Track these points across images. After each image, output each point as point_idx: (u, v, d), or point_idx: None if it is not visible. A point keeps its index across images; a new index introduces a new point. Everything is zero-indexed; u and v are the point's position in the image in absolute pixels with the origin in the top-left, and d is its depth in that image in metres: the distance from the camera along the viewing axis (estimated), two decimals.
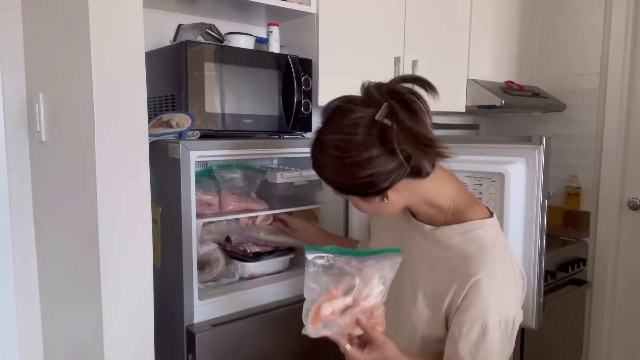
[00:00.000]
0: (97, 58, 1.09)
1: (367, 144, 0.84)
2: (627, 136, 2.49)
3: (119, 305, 1.18)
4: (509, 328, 0.91)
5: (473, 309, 0.90)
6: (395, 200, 0.93)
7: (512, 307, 0.92)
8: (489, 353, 0.90)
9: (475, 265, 0.90)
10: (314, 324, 0.87)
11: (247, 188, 1.67)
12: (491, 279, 0.89)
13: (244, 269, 1.57)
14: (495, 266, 0.91)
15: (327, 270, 0.88)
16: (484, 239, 0.93)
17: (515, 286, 0.93)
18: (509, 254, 0.95)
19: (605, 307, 2.57)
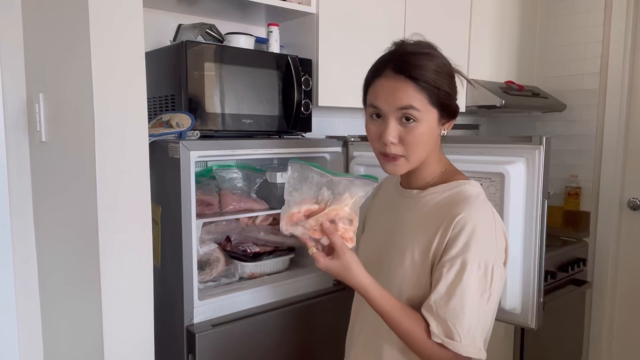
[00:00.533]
0: (97, 58, 1.09)
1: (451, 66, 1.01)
2: (627, 136, 2.49)
3: (119, 305, 1.18)
4: (488, 275, 0.91)
5: (455, 248, 0.92)
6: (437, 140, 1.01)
7: (491, 254, 0.93)
8: (463, 293, 0.90)
9: (459, 207, 0.94)
10: (285, 224, 0.97)
11: (247, 188, 1.67)
12: (473, 221, 0.92)
13: (244, 269, 1.57)
14: (477, 211, 0.94)
15: (305, 180, 0.98)
16: (469, 192, 0.98)
17: (496, 235, 0.94)
18: (491, 208, 0.98)
19: (605, 307, 2.57)
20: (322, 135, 1.82)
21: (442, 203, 0.98)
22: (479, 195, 0.98)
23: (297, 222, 0.96)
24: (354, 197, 0.97)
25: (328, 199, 0.97)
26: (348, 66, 1.86)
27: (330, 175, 0.99)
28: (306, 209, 0.96)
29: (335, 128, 2.26)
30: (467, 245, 0.91)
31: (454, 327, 0.89)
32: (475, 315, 0.90)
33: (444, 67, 0.98)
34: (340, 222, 0.96)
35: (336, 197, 0.97)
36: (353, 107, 1.97)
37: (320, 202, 0.97)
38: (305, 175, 0.99)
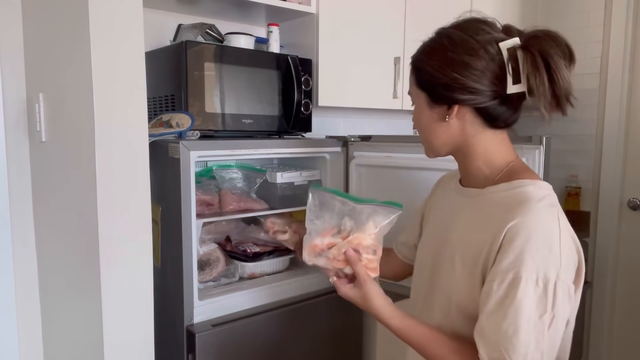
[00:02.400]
0: (97, 58, 1.09)
1: (476, 54, 0.85)
2: (627, 136, 2.49)
3: (119, 305, 1.18)
4: (549, 293, 0.78)
5: (507, 259, 0.79)
6: (453, 128, 0.91)
7: (553, 267, 0.78)
8: (517, 312, 0.77)
9: (513, 212, 0.82)
10: (308, 255, 0.95)
11: (247, 188, 1.67)
12: (528, 228, 0.79)
13: (244, 269, 1.57)
14: (537, 217, 0.81)
15: (326, 207, 0.96)
16: (531, 193, 0.84)
17: (561, 246, 0.80)
18: (557, 215, 0.82)
19: (605, 307, 2.57)
20: (322, 135, 1.82)
21: (499, 204, 0.86)
22: (544, 199, 0.84)
23: (320, 252, 0.94)
24: (378, 227, 0.94)
25: (351, 228, 0.94)
26: (348, 66, 1.86)
27: (353, 203, 0.96)
28: (329, 242, 0.94)
29: (335, 128, 2.26)
30: (520, 256, 0.78)
31: (507, 352, 0.78)
32: (533, 340, 0.78)
33: (438, 48, 0.90)
34: (364, 251, 0.93)
35: (359, 226, 0.94)
36: (353, 107, 1.97)
37: (342, 230, 0.95)
38: (326, 202, 0.96)
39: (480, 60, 0.85)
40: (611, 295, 2.57)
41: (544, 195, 0.84)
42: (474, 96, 0.86)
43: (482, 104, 0.87)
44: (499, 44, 0.85)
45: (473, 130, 0.90)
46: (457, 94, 0.87)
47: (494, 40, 0.86)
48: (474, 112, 0.89)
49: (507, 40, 0.85)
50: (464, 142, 0.92)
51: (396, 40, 2.01)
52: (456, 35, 0.89)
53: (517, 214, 0.81)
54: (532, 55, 0.82)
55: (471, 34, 0.88)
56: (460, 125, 0.90)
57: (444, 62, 0.88)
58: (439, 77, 0.88)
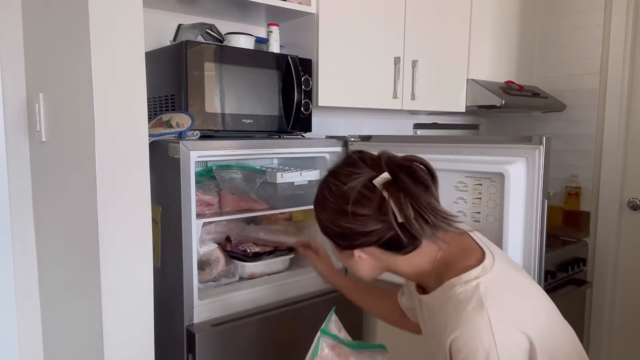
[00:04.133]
0: (97, 58, 1.09)
1: (354, 199, 0.85)
2: (627, 136, 2.48)
3: (119, 305, 1.18)
4: None
5: None
6: (368, 263, 0.92)
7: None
8: None
9: (451, 324, 0.82)
10: None
11: (247, 188, 1.67)
12: (463, 341, 0.80)
13: (244, 269, 1.57)
14: (468, 328, 0.80)
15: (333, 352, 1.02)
16: (458, 297, 0.84)
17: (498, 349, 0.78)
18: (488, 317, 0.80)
19: (605, 307, 2.57)
20: (322, 135, 1.82)
21: (440, 314, 0.87)
22: (471, 299, 0.82)
23: None
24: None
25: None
26: (348, 66, 1.86)
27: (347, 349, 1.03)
28: None
29: (335, 128, 2.26)
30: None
31: None
32: None
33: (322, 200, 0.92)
34: None
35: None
36: (353, 107, 1.97)
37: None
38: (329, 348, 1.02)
39: (360, 205, 0.85)
40: (611, 295, 2.56)
41: (471, 293, 0.82)
42: (368, 237, 0.87)
43: (380, 240, 0.87)
44: (374, 182, 0.85)
45: (387, 257, 0.90)
46: (351, 240, 0.88)
47: (367, 180, 0.86)
48: (378, 247, 0.88)
49: (378, 178, 0.85)
50: (386, 268, 0.93)
51: (396, 40, 2.01)
52: (332, 185, 0.90)
53: (451, 330, 0.81)
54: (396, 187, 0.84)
55: (343, 181, 0.88)
56: (373, 258, 0.91)
57: (330, 213, 0.89)
58: (331, 228, 0.90)
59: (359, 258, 0.91)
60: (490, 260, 0.88)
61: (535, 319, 0.85)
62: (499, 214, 1.33)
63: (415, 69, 2.04)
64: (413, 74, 2.05)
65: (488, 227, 1.36)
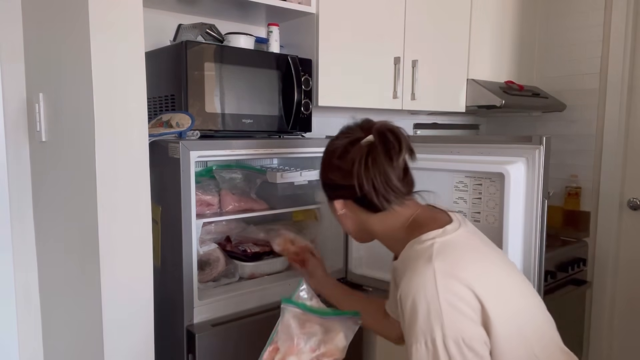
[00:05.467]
0: (97, 58, 1.09)
1: (340, 155, 0.98)
2: (627, 136, 2.48)
3: (118, 305, 1.18)
4: (440, 351, 0.78)
5: (404, 329, 0.83)
6: (348, 218, 1.02)
7: (437, 324, 0.78)
8: None
9: (401, 278, 0.87)
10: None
11: (247, 188, 1.67)
12: (407, 292, 0.82)
13: (244, 269, 1.57)
14: (413, 279, 0.82)
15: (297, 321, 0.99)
16: (412, 254, 0.88)
17: (440, 302, 0.78)
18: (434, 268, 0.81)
19: (605, 307, 2.57)
20: (322, 135, 1.82)
21: (399, 273, 0.91)
22: (422, 255, 0.84)
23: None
24: (348, 340, 0.98)
25: (322, 340, 0.97)
26: (348, 66, 1.86)
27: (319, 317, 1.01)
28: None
29: (335, 128, 2.24)
30: (408, 325, 0.81)
31: None
32: None
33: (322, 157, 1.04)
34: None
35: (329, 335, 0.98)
36: (353, 107, 1.97)
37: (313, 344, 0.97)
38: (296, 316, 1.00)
39: (343, 160, 0.96)
40: (611, 295, 2.56)
41: (424, 250, 0.86)
42: (345, 191, 0.97)
43: (353, 197, 0.97)
44: (357, 143, 0.96)
45: (364, 216, 0.99)
46: (333, 190, 1.02)
47: (352, 140, 0.97)
48: (354, 202, 0.99)
49: (364, 140, 0.95)
50: (364, 226, 1.02)
51: (396, 40, 2.01)
52: (329, 144, 1.03)
53: (400, 282, 0.87)
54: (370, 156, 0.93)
55: (339, 139, 1.00)
56: (351, 214, 1.01)
57: (322, 166, 1.04)
58: (321, 179, 1.05)
59: (342, 212, 1.01)
60: (454, 226, 0.92)
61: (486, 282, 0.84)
62: (499, 214, 1.33)
63: (415, 69, 2.04)
64: (413, 74, 2.05)
65: (488, 227, 1.36)
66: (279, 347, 0.98)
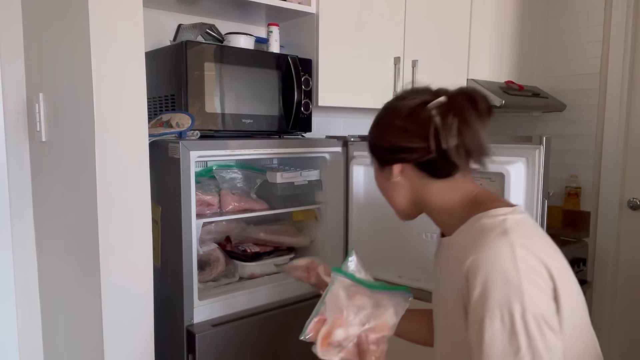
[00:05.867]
0: (97, 58, 1.09)
1: (408, 116, 0.91)
2: (627, 136, 2.48)
3: (119, 305, 1.18)
4: (519, 325, 0.73)
5: (472, 304, 0.78)
6: (401, 187, 0.96)
7: (516, 298, 0.74)
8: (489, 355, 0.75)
9: (467, 252, 0.81)
10: (323, 347, 0.93)
11: (247, 188, 1.67)
12: (481, 263, 0.78)
13: (244, 269, 1.57)
14: (488, 250, 0.78)
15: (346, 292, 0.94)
16: (482, 227, 0.83)
17: (520, 276, 0.75)
18: (511, 242, 0.79)
19: (605, 307, 2.57)
20: (322, 135, 1.82)
21: (460, 248, 0.85)
22: (495, 228, 0.81)
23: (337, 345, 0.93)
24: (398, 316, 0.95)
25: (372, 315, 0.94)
26: (348, 66, 1.86)
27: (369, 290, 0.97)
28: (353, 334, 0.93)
29: (335, 128, 2.26)
30: (480, 297, 0.76)
31: None
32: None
33: (378, 118, 1.00)
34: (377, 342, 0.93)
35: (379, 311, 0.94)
36: (353, 107, 1.97)
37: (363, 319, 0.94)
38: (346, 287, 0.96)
39: (411, 122, 0.91)
40: (611, 295, 2.56)
41: (497, 224, 0.82)
42: (409, 154, 0.92)
43: (418, 159, 0.92)
44: (427, 106, 0.90)
45: (421, 184, 0.94)
46: (394, 154, 0.94)
47: (422, 102, 0.91)
48: (416, 168, 0.93)
49: (434, 101, 0.90)
50: (418, 197, 0.96)
51: (396, 40, 2.01)
52: (390, 105, 0.98)
53: (469, 254, 0.80)
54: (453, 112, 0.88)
55: (401, 101, 0.96)
56: (408, 182, 0.95)
57: (381, 128, 0.98)
58: (378, 142, 0.98)
59: (397, 178, 0.95)
60: (521, 209, 0.90)
61: (558, 265, 0.82)
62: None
63: (415, 69, 2.04)
64: (413, 74, 2.05)
65: None
66: (325, 318, 0.93)
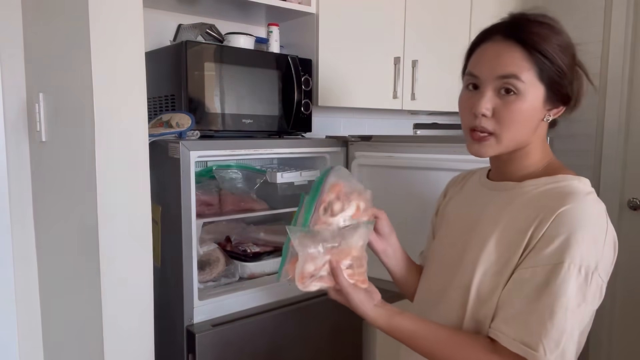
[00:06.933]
0: (97, 58, 1.09)
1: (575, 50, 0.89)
2: (627, 136, 2.48)
3: (119, 305, 1.18)
4: (588, 282, 0.75)
5: (553, 245, 0.76)
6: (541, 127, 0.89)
7: (595, 258, 0.76)
8: (557, 297, 0.74)
9: (564, 200, 0.79)
10: (301, 282, 0.96)
11: (247, 188, 1.67)
12: (580, 214, 0.77)
13: (244, 269, 1.57)
14: (588, 206, 0.79)
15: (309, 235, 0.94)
16: (578, 187, 0.82)
17: (606, 242, 0.78)
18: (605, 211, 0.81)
19: (605, 307, 2.57)
20: (322, 135, 1.82)
21: (544, 195, 0.82)
22: (591, 194, 0.82)
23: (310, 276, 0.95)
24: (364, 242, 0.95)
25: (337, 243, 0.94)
26: (348, 66, 1.86)
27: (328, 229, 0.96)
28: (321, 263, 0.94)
29: (335, 128, 2.26)
30: (567, 242, 0.76)
31: (539, 335, 0.74)
32: (569, 327, 0.75)
33: (565, 43, 0.87)
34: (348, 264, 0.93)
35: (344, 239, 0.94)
36: (353, 107, 1.97)
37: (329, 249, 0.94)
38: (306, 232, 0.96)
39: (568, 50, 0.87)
40: (611, 296, 2.56)
41: (590, 191, 0.83)
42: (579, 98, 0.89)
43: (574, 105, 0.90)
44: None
45: (543, 128, 0.89)
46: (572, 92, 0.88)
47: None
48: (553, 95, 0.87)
49: None
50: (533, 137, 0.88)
51: (396, 40, 2.01)
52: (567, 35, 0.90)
53: (568, 202, 0.78)
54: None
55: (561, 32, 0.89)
56: (545, 125, 0.89)
57: (572, 58, 0.87)
58: (568, 74, 0.86)
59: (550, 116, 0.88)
60: None
61: None
62: None
63: (415, 69, 2.04)
64: (413, 74, 2.05)
65: None
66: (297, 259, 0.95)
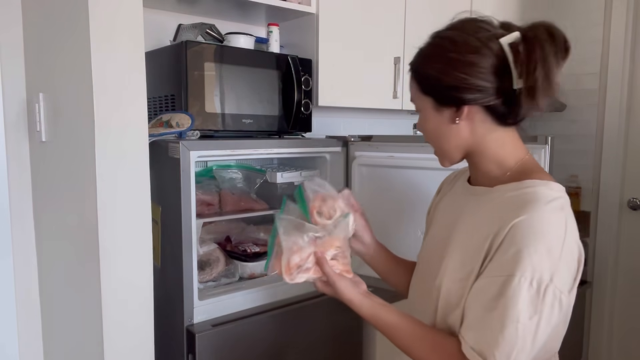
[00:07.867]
0: (97, 58, 1.09)
1: (480, 52, 0.85)
2: (627, 136, 2.49)
3: (119, 305, 1.18)
4: (541, 295, 0.76)
5: (505, 256, 0.78)
6: (462, 131, 0.89)
7: (549, 269, 0.76)
8: (506, 310, 0.76)
9: (521, 210, 0.79)
10: (288, 274, 0.98)
11: (247, 188, 1.67)
12: (534, 224, 0.77)
13: (244, 269, 1.57)
14: (544, 216, 0.78)
15: (295, 227, 0.97)
16: (541, 194, 0.81)
17: (562, 252, 0.78)
18: (566, 218, 0.80)
19: (605, 307, 2.57)
20: (322, 135, 1.82)
21: (507, 202, 0.84)
22: (554, 201, 0.81)
23: (297, 268, 0.98)
24: (347, 233, 0.99)
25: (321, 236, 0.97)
26: (348, 66, 1.86)
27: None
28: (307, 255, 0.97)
29: (335, 128, 2.26)
30: (519, 254, 0.77)
31: (490, 347, 0.77)
32: (520, 340, 0.76)
33: (439, 51, 0.89)
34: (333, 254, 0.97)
35: (328, 230, 0.98)
36: (353, 107, 1.97)
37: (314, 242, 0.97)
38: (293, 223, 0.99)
39: (484, 57, 0.84)
40: (611, 295, 2.57)
41: (554, 197, 0.82)
42: (481, 94, 0.85)
43: (490, 101, 0.85)
44: (499, 40, 0.85)
45: (484, 130, 0.88)
46: (465, 93, 0.86)
47: (494, 36, 0.86)
48: (483, 111, 0.87)
49: (507, 36, 0.85)
50: (474, 143, 0.90)
51: (396, 40, 2.01)
52: (456, 36, 0.89)
53: (524, 212, 0.79)
54: (529, 46, 0.83)
55: (471, 33, 0.88)
56: (470, 126, 0.89)
57: (447, 63, 0.87)
58: (444, 79, 0.87)
59: (458, 120, 0.87)
60: None
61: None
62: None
63: None
64: None
65: None
66: (282, 252, 0.97)
